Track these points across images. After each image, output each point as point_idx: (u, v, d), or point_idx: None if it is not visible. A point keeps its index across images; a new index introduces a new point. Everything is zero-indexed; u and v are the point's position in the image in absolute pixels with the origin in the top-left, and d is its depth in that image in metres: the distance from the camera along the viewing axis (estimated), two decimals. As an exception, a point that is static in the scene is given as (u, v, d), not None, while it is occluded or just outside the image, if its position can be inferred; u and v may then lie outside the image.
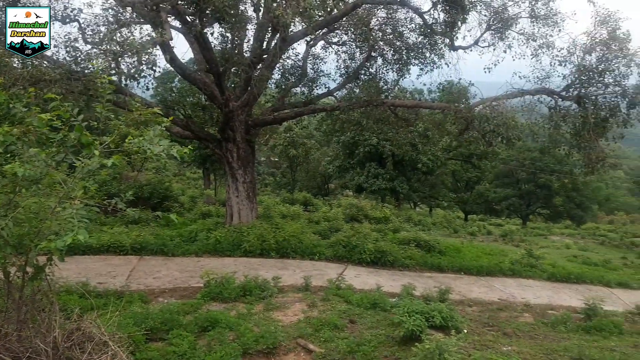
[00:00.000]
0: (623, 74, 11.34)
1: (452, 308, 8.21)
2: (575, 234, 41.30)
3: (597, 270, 16.28)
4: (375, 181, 34.57)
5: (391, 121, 15.58)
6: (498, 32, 12.16)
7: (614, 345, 7.74)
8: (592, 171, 12.73)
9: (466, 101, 13.25)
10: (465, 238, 26.44)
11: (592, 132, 11.66)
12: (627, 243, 36.64)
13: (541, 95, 12.71)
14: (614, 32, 11.05)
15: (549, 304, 10.98)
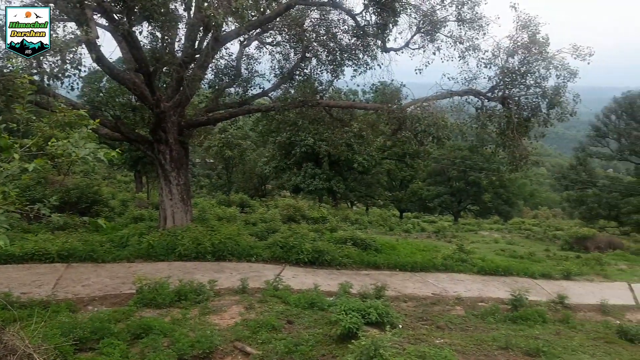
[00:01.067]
0: (543, 76, 11.97)
1: (388, 304, 8.39)
2: (503, 229, 43.22)
3: (522, 262, 17.04)
4: (312, 181, 34.75)
5: (326, 121, 15.72)
6: (427, 34, 12.55)
7: (538, 333, 8.17)
8: (516, 168, 13.36)
9: (398, 102, 13.56)
10: (401, 235, 27.08)
11: (516, 131, 12.24)
12: (550, 236, 38.75)
13: (469, 96, 13.20)
14: (534, 36, 11.66)
15: (479, 297, 11.39)
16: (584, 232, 30.80)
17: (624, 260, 21.49)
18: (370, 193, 44.05)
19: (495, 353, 6.95)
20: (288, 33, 13.73)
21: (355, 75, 14.11)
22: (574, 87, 12.51)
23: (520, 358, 6.73)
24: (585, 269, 16.57)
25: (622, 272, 17.33)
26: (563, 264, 17.43)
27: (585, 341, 8.02)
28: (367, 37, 13.03)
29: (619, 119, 39.67)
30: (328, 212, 22.98)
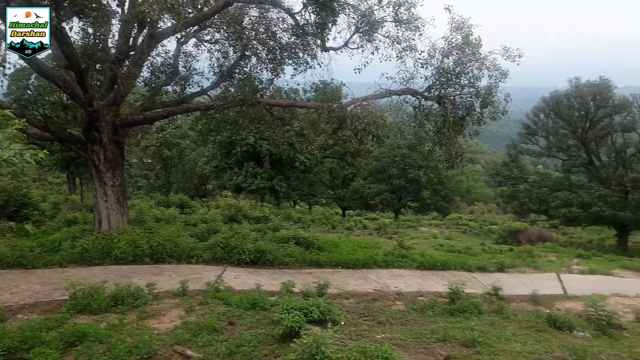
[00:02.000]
0: (476, 76, 12.42)
1: (330, 302, 8.42)
2: (442, 225, 44.42)
3: (460, 257, 17.57)
4: (253, 181, 34.46)
5: (267, 120, 15.63)
6: (366, 34, 12.71)
7: (474, 325, 8.45)
8: (452, 166, 13.79)
9: (339, 101, 13.68)
10: (343, 233, 27.31)
11: (452, 130, 12.62)
12: (485, 230, 40.23)
13: (406, 95, 13.50)
14: (467, 38, 12.06)
15: (419, 291, 11.65)
16: (516, 226, 32.19)
17: (553, 252, 22.60)
18: (313, 192, 44.22)
19: (434, 345, 7.14)
20: (227, 31, 13.55)
21: (296, 74, 14.13)
22: (506, 87, 13.03)
23: (457, 349, 6.93)
24: (518, 261, 17.28)
25: (552, 263, 18.21)
26: (497, 257, 18.12)
27: (518, 330, 8.36)
28: (307, 36, 13.06)
29: (547, 118, 41.60)
30: (270, 212, 22.89)
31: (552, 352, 7.02)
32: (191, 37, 14.70)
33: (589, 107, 38.82)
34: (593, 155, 40.08)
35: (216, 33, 14.46)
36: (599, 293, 12.78)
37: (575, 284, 14.03)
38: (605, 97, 38.24)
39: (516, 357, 6.60)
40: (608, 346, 7.83)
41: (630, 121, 38.64)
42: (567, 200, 36.50)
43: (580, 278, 15.19)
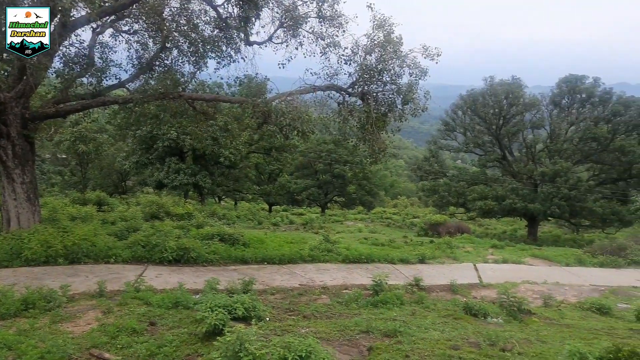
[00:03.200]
0: (397, 74, 12.73)
1: (255, 298, 8.39)
2: (367, 218, 45.40)
3: (383, 249, 18.02)
4: (176, 176, 33.56)
5: (190, 114, 15.24)
6: (290, 29, 12.68)
7: (396, 315, 8.69)
8: (375, 161, 14.09)
9: (263, 95, 13.57)
10: (269, 229, 27.25)
11: (375, 126, 12.88)
12: (408, 223, 41.55)
13: (331, 91, 13.62)
14: (389, 36, 12.33)
15: (344, 284, 11.83)
16: (436, 218, 33.43)
17: (470, 243, 23.69)
18: (239, 187, 43.74)
19: (357, 337, 7.27)
20: (146, 22, 13.05)
21: (219, 67, 13.86)
22: (426, 85, 13.46)
23: (379, 340, 7.10)
24: (438, 252, 17.97)
25: (469, 253, 19.08)
26: (419, 249, 18.78)
27: (437, 319, 8.69)
28: (230, 29, 12.85)
29: (464, 115, 43.45)
30: (194, 208, 22.42)
31: (468, 339, 7.36)
32: (108, 27, 14.03)
33: (502, 105, 40.95)
34: (506, 150, 42.36)
35: (135, 24, 13.87)
36: (511, 281, 13.56)
37: (490, 272, 14.78)
38: (516, 95, 40.48)
39: (434, 344, 6.85)
40: (518, 330, 8.31)
41: (539, 118, 41.22)
42: (483, 194, 38.34)
43: (494, 267, 16.02)
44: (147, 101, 13.76)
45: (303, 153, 49.10)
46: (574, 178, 36.56)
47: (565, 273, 15.75)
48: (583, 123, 40.23)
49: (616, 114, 38.79)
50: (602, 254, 19.14)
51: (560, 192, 35.87)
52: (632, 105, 38.81)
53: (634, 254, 18.90)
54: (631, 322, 9.97)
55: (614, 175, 39.78)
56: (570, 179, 36.23)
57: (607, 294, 12.88)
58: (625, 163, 37.36)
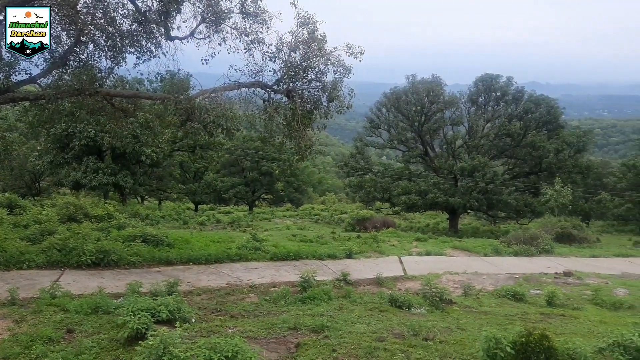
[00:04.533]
0: (322, 71, 12.77)
1: (180, 300, 8.20)
2: (295, 215, 45.49)
3: (311, 246, 18.15)
4: (95, 176, 32.03)
5: (108, 111, 14.57)
6: (212, 25, 12.38)
7: (323, 311, 8.77)
8: (302, 158, 14.11)
9: (186, 92, 13.20)
10: (195, 228, 26.69)
11: (301, 123, 12.88)
12: (336, 219, 42.06)
13: (256, 88, 13.45)
14: (313, 33, 12.35)
15: (272, 282, 11.81)
16: (363, 214, 34.09)
17: (395, 237, 24.33)
18: (162, 186, 42.46)
19: (285, 334, 7.28)
20: (58, 14, 12.29)
21: (139, 63, 13.30)
22: (351, 82, 13.61)
23: (307, 336, 7.14)
24: (365, 247, 18.33)
25: (394, 247, 19.60)
26: (346, 244, 19.06)
27: (363, 312, 8.86)
28: (150, 23, 12.37)
29: (388, 112, 44.57)
30: (115, 209, 21.54)
31: (393, 330, 7.56)
32: (16, 19, 13.13)
33: (423, 103, 42.37)
34: (428, 146, 43.89)
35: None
36: (433, 272, 14.08)
37: (414, 265, 15.27)
38: (437, 93, 42.03)
39: (361, 337, 6.98)
40: (440, 320, 8.64)
41: (458, 116, 43.06)
42: (407, 189, 39.49)
43: (418, 259, 16.56)
44: (61, 97, 12.99)
45: (229, 151, 48.42)
46: (490, 172, 38.49)
47: (483, 263, 16.55)
48: (498, 120, 42.45)
49: (527, 111, 41.22)
50: (516, 243, 20.26)
51: (478, 186, 37.64)
52: (541, 103, 41.38)
53: (544, 243, 20.17)
54: (542, 307, 10.64)
55: (526, 169, 42.30)
56: (487, 173, 38.11)
57: (521, 281, 13.65)
58: (536, 157, 39.79)
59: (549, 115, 41.06)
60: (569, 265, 16.49)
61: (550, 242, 20.82)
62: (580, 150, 40.71)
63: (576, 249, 22.03)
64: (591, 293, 12.02)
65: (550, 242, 20.95)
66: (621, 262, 18.28)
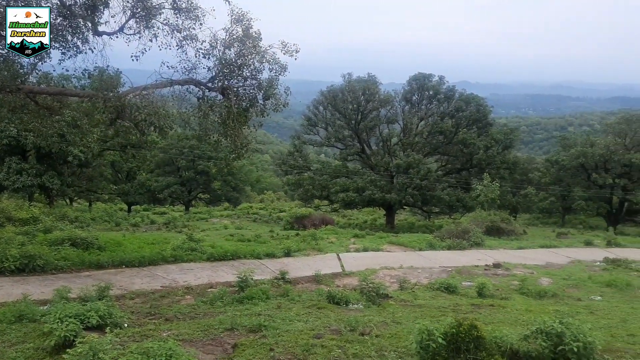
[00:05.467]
0: (258, 69, 12.66)
1: (112, 304, 7.93)
2: (233, 215, 45.05)
3: (250, 245, 18.00)
4: (18, 178, 30.36)
5: (32, 109, 13.82)
6: (143, 20, 11.99)
7: (261, 310, 8.72)
8: (238, 156, 13.96)
9: (116, 89, 12.73)
10: (128, 230, 25.85)
11: (236, 121, 12.72)
12: (275, 218, 42.00)
13: (190, 86, 13.17)
14: (247, 30, 12.22)
15: (209, 283, 11.62)
16: (302, 212, 34.20)
17: (334, 234, 24.56)
18: (93, 187, 40.82)
19: (222, 335, 7.18)
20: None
21: (64, 59, 12.69)
22: (288, 81, 13.60)
23: (244, 336, 7.08)
24: (303, 245, 18.38)
25: (333, 244, 19.76)
26: (285, 242, 19.04)
27: (302, 310, 8.88)
28: (76, 18, 11.83)
29: (325, 110, 44.88)
30: (41, 212, 20.52)
31: (330, 326, 7.62)
32: None
33: (360, 101, 42.98)
34: (365, 144, 44.59)
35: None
36: (371, 268, 14.30)
37: (352, 261, 15.45)
38: (372, 92, 42.76)
39: (298, 335, 7.00)
40: (376, 314, 8.80)
41: (393, 114, 44.03)
42: (344, 186, 39.95)
43: (356, 255, 16.79)
44: (-21, 94, 12.23)
45: (164, 149, 47.25)
46: (424, 169, 39.64)
47: (418, 257, 16.98)
48: (431, 118, 43.79)
49: (459, 109, 42.75)
50: (449, 237, 20.92)
51: (413, 182, 38.64)
52: (471, 102, 43.02)
53: (475, 236, 20.96)
54: (473, 298, 11.06)
55: (458, 166, 43.87)
56: (422, 170, 39.20)
57: (453, 274, 14.11)
58: (467, 154, 41.36)
59: (478, 114, 42.76)
60: (498, 257, 17.21)
61: (480, 236, 21.63)
62: (507, 147, 42.68)
63: (505, 241, 22.99)
64: (518, 283, 12.59)
65: (480, 235, 21.76)
66: (545, 253, 19.26)
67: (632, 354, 6.61)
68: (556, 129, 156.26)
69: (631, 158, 46.10)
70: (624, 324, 8.69)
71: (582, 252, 19.96)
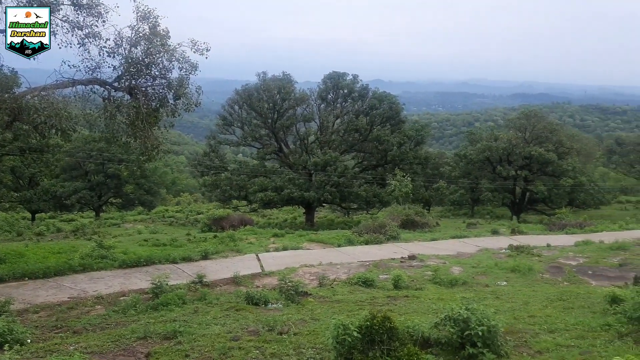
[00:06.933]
0: (167, 68, 12.29)
1: (12, 320, 7.44)
2: (147, 219, 43.52)
3: (165, 249, 17.44)
4: None
5: None
6: (40, 16, 11.30)
7: (177, 316, 8.48)
8: (150, 158, 13.50)
9: (11, 90, 11.87)
10: (32, 240, 24.26)
11: (146, 122, 12.28)
12: (192, 220, 41.01)
13: (94, 86, 12.55)
14: (155, 28, 11.83)
15: (121, 291, 11.13)
16: (220, 213, 33.60)
17: (253, 234, 24.34)
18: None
19: (134, 345, 6.91)
20: None
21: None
22: (202, 80, 13.31)
23: (158, 343, 6.85)
24: (222, 246, 18.08)
25: (252, 244, 19.58)
26: (202, 245, 18.62)
27: (219, 313, 8.73)
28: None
29: (241, 109, 44.39)
30: None
31: (248, 328, 7.56)
32: None
33: (275, 100, 42.92)
34: (282, 143, 44.63)
35: None
36: (290, 266, 14.33)
37: (272, 260, 15.40)
38: (288, 90, 42.84)
39: (215, 339, 6.88)
40: (295, 312, 8.83)
41: (309, 112, 44.41)
42: (263, 185, 39.77)
43: (275, 255, 16.74)
44: None
45: (70, 153, 44.69)
46: (341, 166, 40.32)
47: (337, 253, 17.23)
48: (347, 116, 44.60)
49: (372, 107, 43.86)
50: (367, 232, 21.42)
51: (331, 179, 39.18)
52: (384, 100, 44.28)
53: (391, 230, 21.60)
54: (390, 290, 11.38)
55: (373, 162, 45.03)
56: (339, 167, 39.86)
57: (371, 268, 14.46)
58: (382, 151, 42.57)
59: (391, 111, 44.08)
60: (413, 249, 17.84)
61: (396, 229, 22.31)
62: (419, 143, 44.38)
63: (419, 234, 23.86)
64: (431, 273, 13.13)
65: (396, 229, 22.45)
66: (457, 243, 20.20)
67: (531, 334, 7.09)
68: (464, 124, 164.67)
69: (531, 151, 49.43)
70: (526, 306, 9.30)
71: (490, 240, 21.13)
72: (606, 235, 21.81)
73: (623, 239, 18.91)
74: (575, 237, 21.66)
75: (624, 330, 7.11)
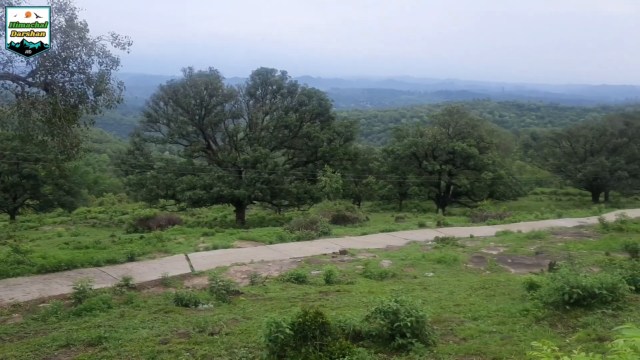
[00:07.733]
0: (86, 62, 11.76)
1: None
2: (68, 221, 41.55)
3: (88, 252, 16.67)
4: None
5: None
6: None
7: (101, 321, 8.13)
8: (69, 157, 12.87)
9: None
10: None
11: (64, 119, 11.68)
12: (116, 221, 39.51)
13: (5, 81, 11.80)
14: (72, 21, 11.25)
15: (40, 298, 10.55)
16: (146, 213, 32.55)
17: (182, 234, 23.74)
18: None
19: (56, 353, 6.55)
20: None
21: None
22: (125, 75, 12.83)
23: (82, 351, 6.54)
24: (149, 247, 17.53)
25: (181, 244, 19.13)
26: (128, 246, 17.97)
27: (147, 316, 8.46)
28: None
29: (167, 106, 43.11)
30: None
31: (178, 330, 7.37)
32: None
33: (202, 96, 42.03)
34: (210, 140, 43.81)
35: None
36: (221, 265, 14.11)
37: (202, 260, 15.11)
38: (215, 86, 42.07)
39: (143, 343, 6.65)
40: (227, 312, 8.71)
41: (238, 109, 43.85)
42: (191, 184, 38.86)
43: (205, 254, 16.44)
44: None
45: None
46: (272, 163, 40.15)
47: (269, 251, 17.18)
48: (276, 112, 44.42)
49: (302, 104, 43.96)
50: (298, 229, 21.47)
51: (261, 176, 38.92)
52: (313, 96, 44.50)
53: (323, 226, 21.78)
54: (321, 286, 11.48)
55: (304, 159, 45.18)
56: (269, 164, 39.66)
57: (303, 264, 14.51)
58: (312, 147, 42.77)
59: (320, 108, 44.35)
60: (344, 244, 18.08)
61: (328, 225, 22.53)
62: (348, 139, 44.96)
63: (350, 229, 24.20)
64: (362, 267, 13.36)
65: (328, 224, 22.67)
66: (386, 237, 20.69)
67: (457, 322, 7.39)
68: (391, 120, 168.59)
69: (454, 146, 51.45)
70: (452, 295, 9.67)
71: (417, 233, 21.81)
72: (523, 225, 23.13)
73: (539, 229, 20.13)
74: (495, 227, 22.78)
75: (540, 314, 7.56)
